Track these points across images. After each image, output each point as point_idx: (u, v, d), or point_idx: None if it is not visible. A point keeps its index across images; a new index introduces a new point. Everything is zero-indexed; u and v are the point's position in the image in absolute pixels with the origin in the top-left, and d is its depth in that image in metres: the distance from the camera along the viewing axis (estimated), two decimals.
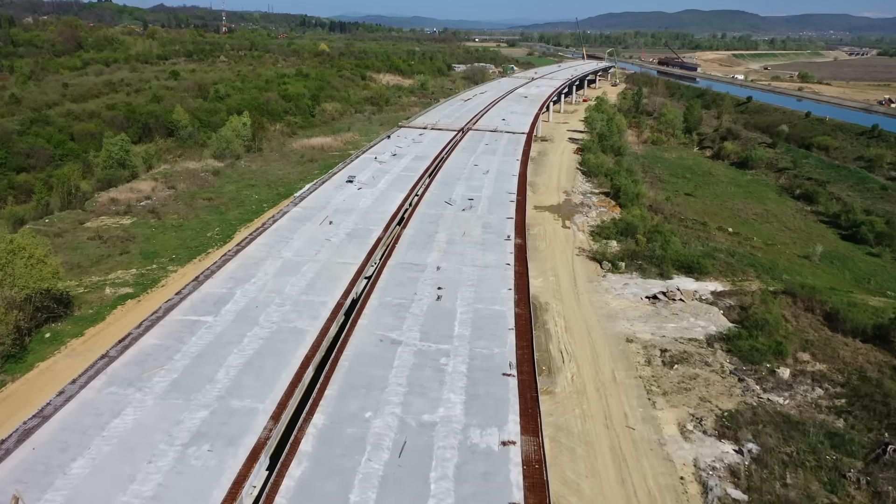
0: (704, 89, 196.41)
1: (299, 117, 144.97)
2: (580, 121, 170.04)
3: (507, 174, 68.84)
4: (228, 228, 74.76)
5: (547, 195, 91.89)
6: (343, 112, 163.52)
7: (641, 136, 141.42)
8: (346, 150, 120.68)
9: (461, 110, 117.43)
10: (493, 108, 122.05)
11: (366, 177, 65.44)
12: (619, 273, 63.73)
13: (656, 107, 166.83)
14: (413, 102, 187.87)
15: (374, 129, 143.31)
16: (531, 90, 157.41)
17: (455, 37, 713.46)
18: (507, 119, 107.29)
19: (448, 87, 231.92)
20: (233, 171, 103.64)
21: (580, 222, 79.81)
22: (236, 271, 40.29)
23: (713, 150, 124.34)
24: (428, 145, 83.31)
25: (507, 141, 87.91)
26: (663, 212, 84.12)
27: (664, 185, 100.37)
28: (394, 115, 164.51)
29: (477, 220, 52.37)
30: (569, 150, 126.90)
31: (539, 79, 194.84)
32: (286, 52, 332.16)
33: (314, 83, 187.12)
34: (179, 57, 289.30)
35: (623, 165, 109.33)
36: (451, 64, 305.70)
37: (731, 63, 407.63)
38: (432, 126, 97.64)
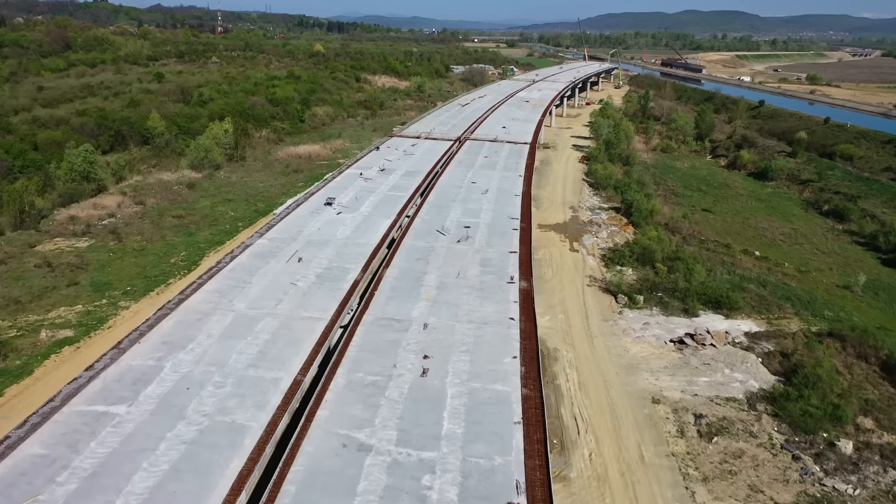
0: (713, 92, 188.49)
1: (287, 123, 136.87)
2: (584, 125, 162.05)
3: (509, 193, 60.74)
4: (195, 253, 66.61)
5: (552, 211, 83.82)
6: (335, 116, 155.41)
7: (650, 143, 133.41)
8: (335, 159, 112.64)
9: (458, 117, 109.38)
10: (493, 113, 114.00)
11: (347, 198, 57.31)
12: (638, 309, 55.67)
13: (664, 111, 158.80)
14: (409, 106, 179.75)
15: (366, 135, 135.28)
16: (533, 94, 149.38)
17: (454, 37, 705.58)
18: (507, 127, 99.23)
19: (446, 89, 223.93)
20: (210, 183, 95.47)
21: (590, 245, 71.74)
22: (172, 332, 32.19)
23: (728, 158, 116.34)
24: (421, 158, 75.22)
25: (509, 153, 79.85)
26: (681, 231, 76.07)
27: (679, 200, 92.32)
28: (388, 119, 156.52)
29: (474, 256, 44.25)
30: (573, 158, 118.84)
31: (540, 81, 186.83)
32: (280, 53, 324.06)
33: (305, 86, 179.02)
34: (171, 58, 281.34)
35: (633, 177, 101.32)
36: (449, 65, 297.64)
37: (735, 64, 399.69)
38: (426, 135, 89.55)
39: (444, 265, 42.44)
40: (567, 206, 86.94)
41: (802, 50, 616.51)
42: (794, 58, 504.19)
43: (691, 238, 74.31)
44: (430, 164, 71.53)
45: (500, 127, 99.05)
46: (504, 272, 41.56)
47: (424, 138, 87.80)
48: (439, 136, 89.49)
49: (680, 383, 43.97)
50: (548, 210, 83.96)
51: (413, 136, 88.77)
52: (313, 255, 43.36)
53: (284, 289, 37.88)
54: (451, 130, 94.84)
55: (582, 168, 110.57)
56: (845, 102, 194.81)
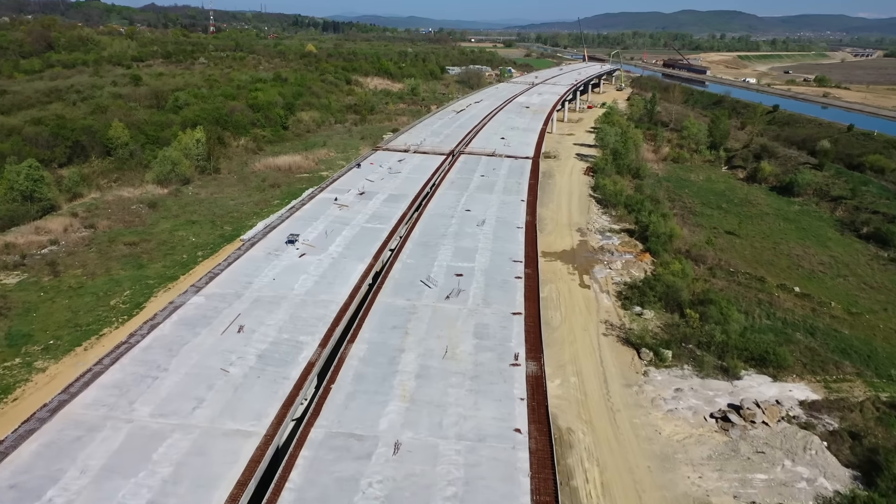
0: (722, 96, 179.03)
1: (268, 130, 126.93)
2: (587, 131, 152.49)
3: (510, 225, 51.01)
4: (142, 292, 56.73)
5: (557, 235, 74.10)
6: (321, 122, 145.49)
7: (659, 151, 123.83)
8: (317, 172, 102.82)
9: (452, 125, 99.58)
10: (490, 121, 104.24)
11: (315, 233, 47.48)
12: (667, 367, 46.01)
13: (672, 116, 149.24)
14: (401, 110, 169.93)
15: (353, 143, 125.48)
16: (533, 98, 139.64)
17: (451, 37, 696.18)
18: (506, 138, 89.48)
19: (441, 91, 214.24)
20: (175, 200, 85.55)
21: (602, 278, 62.06)
22: (30, 467, 22.30)
23: (746, 170, 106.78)
24: (407, 178, 65.44)
25: (509, 170, 70.11)
26: (705, 261, 66.46)
27: (698, 220, 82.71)
28: (378, 125, 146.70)
29: (467, 320, 34.53)
30: (577, 169, 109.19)
31: (540, 84, 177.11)
32: (271, 54, 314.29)
33: (291, 89, 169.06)
34: (157, 58, 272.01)
35: (644, 191, 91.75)
36: (444, 66, 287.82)
37: (738, 65, 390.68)
38: (416, 148, 79.76)
39: (427, 336, 32.66)
40: (574, 229, 77.25)
41: (803, 50, 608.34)
42: (797, 58, 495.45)
43: (718, 269, 64.69)
44: (417, 186, 61.75)
45: (498, 138, 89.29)
46: (506, 346, 31.83)
47: (413, 152, 78.01)
48: (430, 149, 79.70)
49: (731, 484, 34.29)
50: (553, 233, 74.25)
51: (400, 150, 78.96)
52: (259, 322, 33.53)
53: (210, 379, 28.07)
54: (444, 142, 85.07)
55: (588, 181, 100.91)
56: (857, 106, 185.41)
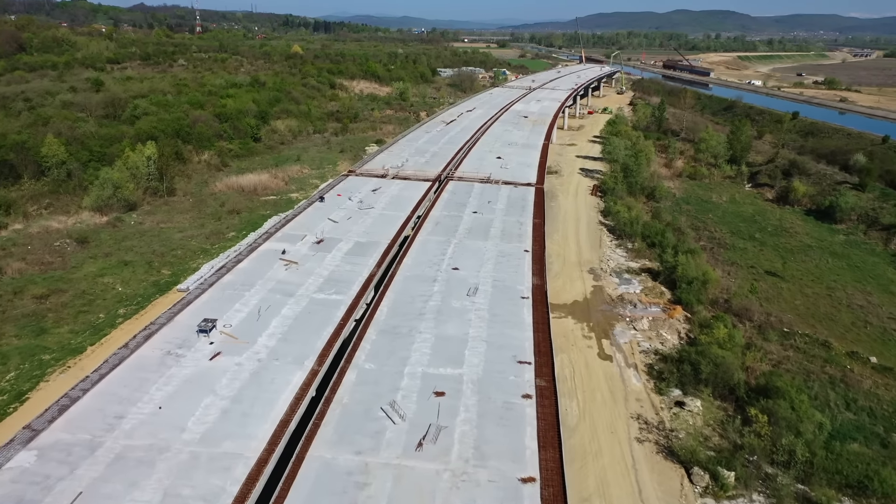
0: (733, 101, 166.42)
1: (236, 143, 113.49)
2: (590, 141, 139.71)
3: (511, 294, 38.09)
4: (31, 373, 43.41)
5: (566, 279, 61.16)
6: (298, 132, 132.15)
7: (672, 165, 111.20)
8: (286, 194, 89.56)
9: (441, 140, 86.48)
10: (484, 135, 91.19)
11: (245, 311, 34.43)
12: (729, 497, 33.16)
13: (684, 125, 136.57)
14: (387, 118, 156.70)
15: (330, 157, 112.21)
16: (531, 106, 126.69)
17: (443, 37, 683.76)
18: (503, 157, 76.46)
19: (431, 96, 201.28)
20: (112, 233, 72.13)
21: (626, 344, 49.19)
22: None
23: (774, 189, 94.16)
24: (381, 215, 52.41)
25: (507, 203, 57.11)
26: (751, 316, 53.73)
27: (730, 255, 69.98)
28: (360, 136, 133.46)
29: (449, 498, 21.40)
30: (583, 189, 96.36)
31: (538, 89, 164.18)
32: (255, 55, 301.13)
33: (268, 94, 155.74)
34: (134, 60, 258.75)
35: (663, 218, 79.03)
36: (436, 68, 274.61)
37: (739, 66, 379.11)
38: (396, 172, 66.63)
39: None
40: (585, 269, 64.30)
41: (802, 50, 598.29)
42: (797, 58, 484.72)
43: (768, 328, 51.93)
44: (392, 228, 48.72)
45: (493, 157, 76.24)
46: None
47: (392, 177, 64.84)
48: (413, 172, 66.54)
49: None
50: (560, 276, 61.27)
51: (377, 175, 65.77)
52: None
53: None
54: (430, 163, 71.97)
55: (595, 204, 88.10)
56: (875, 111, 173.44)
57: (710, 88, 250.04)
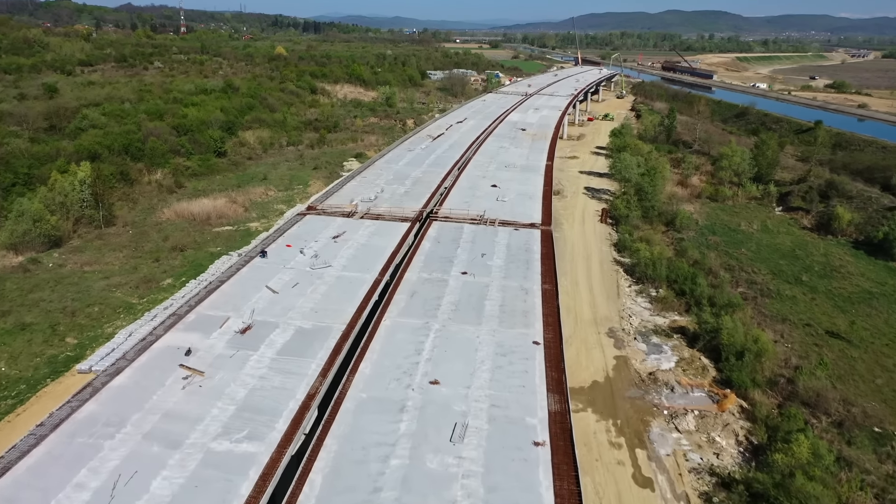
0: (745, 107, 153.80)
1: (196, 159, 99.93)
2: (593, 152, 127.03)
3: (519, 435, 24.98)
4: None
5: (580, 347, 48.20)
6: (270, 144, 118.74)
7: (688, 183, 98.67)
8: (244, 223, 76.20)
9: (425, 161, 73.34)
10: (477, 154, 78.18)
11: (104, 474, 20.98)
12: None
13: (697, 136, 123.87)
14: (370, 127, 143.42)
15: (302, 175, 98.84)
16: (529, 116, 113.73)
17: (435, 38, 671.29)
18: (500, 184, 63.43)
19: (419, 101, 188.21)
20: (21, 280, 58.67)
21: (670, 458, 36.23)
22: None
23: (811, 214, 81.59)
24: (338, 282, 39.31)
25: (506, 256, 44.05)
26: (825, 406, 40.91)
27: (777, 306, 57.29)
28: (339, 148, 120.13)
29: None
30: (591, 214, 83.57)
31: (535, 95, 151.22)
32: (238, 56, 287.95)
33: (240, 101, 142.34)
34: (109, 62, 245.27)
35: (689, 254, 66.25)
36: (426, 71, 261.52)
37: (738, 67, 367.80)
38: (366, 209, 53.46)
39: None
40: (603, 330, 51.41)
41: (798, 51, 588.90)
42: (795, 59, 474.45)
43: (853, 427, 39.16)
44: (351, 305, 35.67)
45: (487, 184, 63.17)
46: None
47: (362, 216, 51.66)
48: (388, 209, 53.39)
49: None
50: (572, 341, 48.25)
51: (343, 213, 52.55)
52: None
53: None
54: (411, 193, 58.84)
55: (607, 235, 75.29)
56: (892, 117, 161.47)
57: (713, 92, 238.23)
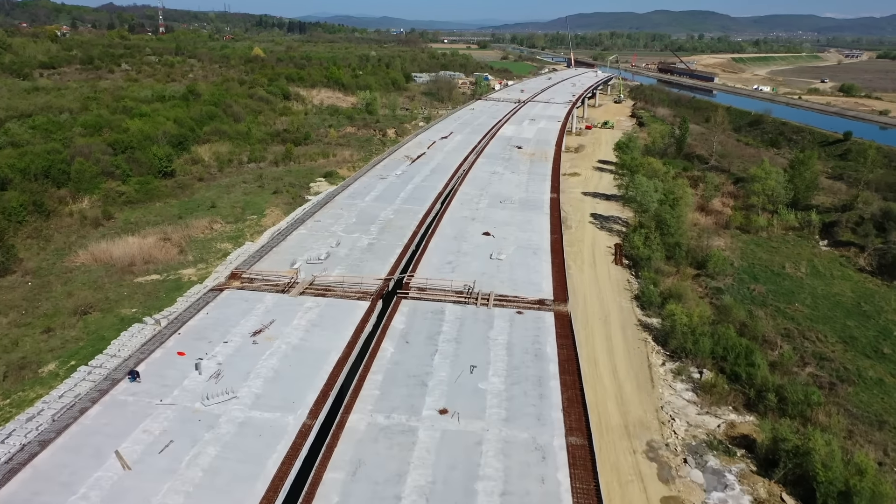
0: (760, 115, 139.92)
1: (133, 182, 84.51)
2: (595, 168, 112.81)
3: None
4: None
5: (610, 478, 33.65)
6: (228, 161, 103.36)
7: (709, 207, 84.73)
8: (177, 269, 61.10)
9: (397, 196, 58.47)
10: (464, 183, 63.49)
11: None
12: None
13: (714, 149, 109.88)
14: (346, 138, 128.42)
15: (257, 201, 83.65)
16: (524, 130, 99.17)
17: (422, 38, 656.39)
18: (494, 232, 48.74)
19: (403, 107, 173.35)
20: None
21: None
22: None
23: (865, 251, 67.63)
24: (240, 430, 24.45)
25: (508, 366, 29.54)
26: None
27: (861, 396, 43.21)
28: (308, 165, 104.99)
29: None
30: (602, 251, 69.13)
31: (530, 102, 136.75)
32: (213, 58, 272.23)
33: (200, 109, 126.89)
34: (73, 64, 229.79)
35: (732, 314, 52.00)
36: (411, 73, 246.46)
37: (735, 69, 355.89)
38: (310, 280, 38.50)
39: None
40: (640, 446, 36.96)
41: (791, 51, 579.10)
42: (790, 60, 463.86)
43: None
44: (260, 479, 20.70)
45: (477, 233, 48.48)
46: None
47: (302, 291, 36.78)
48: (341, 278, 38.52)
49: None
50: (599, 471, 33.84)
51: (276, 287, 37.64)
52: None
53: None
54: (375, 248, 44.09)
55: (626, 283, 60.98)
56: None
57: (714, 95, 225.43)
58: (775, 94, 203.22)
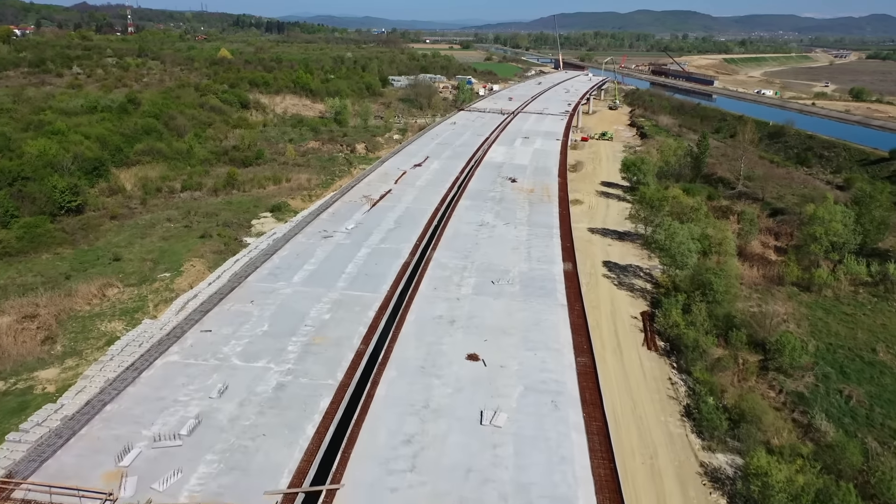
0: (782, 126, 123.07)
1: (17, 226, 65.39)
2: (599, 192, 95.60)
3: None
4: None
5: None
6: (157, 190, 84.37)
7: (748, 251, 67.70)
8: (32, 372, 42.23)
9: (342, 271, 40.23)
10: (439, 248, 45.32)
11: None
12: None
13: (741, 172, 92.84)
14: (307, 155, 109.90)
15: (178, 249, 64.88)
16: (518, 153, 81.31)
17: (403, 38, 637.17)
18: (485, 353, 30.74)
19: (376, 115, 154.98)
20: None
21: None
22: None
23: None
24: None
25: None
26: None
27: None
28: (254, 195, 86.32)
29: None
30: (626, 326, 51.48)
31: (520, 112, 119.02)
32: (178, 60, 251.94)
33: (136, 123, 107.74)
34: (21, 67, 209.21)
35: (836, 453, 34.77)
36: (388, 77, 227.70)
37: (728, 70, 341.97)
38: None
39: None
40: None
41: (778, 51, 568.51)
42: (781, 61, 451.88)
43: None
44: None
45: (457, 356, 30.43)
46: None
47: None
48: None
49: None
50: None
51: None
52: None
53: None
54: (278, 404, 25.90)
55: (665, 380, 43.53)
56: None
57: (713, 100, 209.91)
58: (786, 101, 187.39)
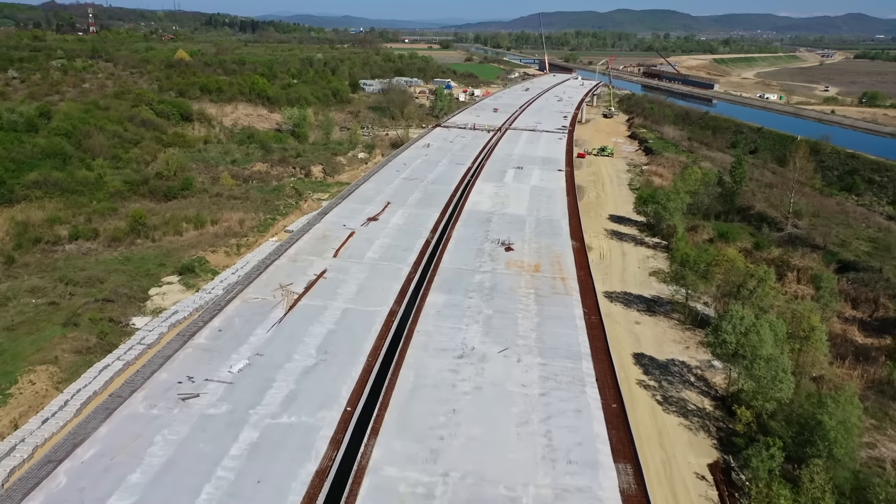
0: (816, 142, 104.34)
1: None
2: (609, 231, 76.79)
3: None
4: None
5: None
6: (35, 241, 63.54)
7: (811, 336, 48.85)
8: None
9: (218, 460, 20.58)
10: (389, 420, 25.73)
11: None
12: None
13: (790, 208, 74.38)
14: (245, 184, 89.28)
15: (21, 348, 43.94)
16: (511, 194, 61.51)
17: (382, 38, 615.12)
18: None
19: (342, 126, 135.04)
20: None
21: None
22: None
23: None
24: None
25: None
26: None
27: None
28: (165, 245, 65.80)
29: None
30: (683, 473, 32.53)
31: (508, 130, 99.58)
32: (133, 63, 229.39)
33: (36, 144, 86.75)
34: None
35: None
36: (359, 81, 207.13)
37: (719, 71, 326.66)
38: None
39: None
40: None
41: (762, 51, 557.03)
42: (770, 61, 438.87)
43: None
44: None
45: None
46: None
47: None
48: None
49: None
50: None
51: None
52: None
53: None
54: None
55: None
56: None
57: (714, 105, 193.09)
58: (798, 108, 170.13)
